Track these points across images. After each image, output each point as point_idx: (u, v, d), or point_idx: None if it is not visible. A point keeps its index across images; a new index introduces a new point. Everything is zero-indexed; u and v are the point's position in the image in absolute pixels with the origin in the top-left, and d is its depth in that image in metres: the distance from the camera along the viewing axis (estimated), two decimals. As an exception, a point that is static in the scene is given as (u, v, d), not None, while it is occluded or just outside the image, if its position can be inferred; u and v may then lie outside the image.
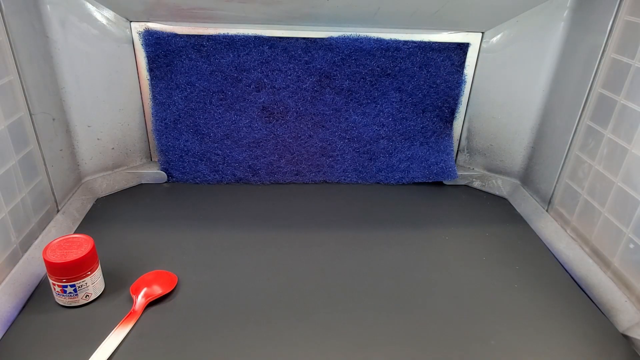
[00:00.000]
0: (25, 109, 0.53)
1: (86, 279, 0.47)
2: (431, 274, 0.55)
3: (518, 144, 0.71)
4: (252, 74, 0.67)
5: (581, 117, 0.59)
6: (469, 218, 0.67)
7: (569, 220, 0.61)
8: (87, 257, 0.46)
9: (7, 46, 0.49)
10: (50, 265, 0.45)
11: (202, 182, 0.72)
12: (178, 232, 0.60)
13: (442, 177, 0.74)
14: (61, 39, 0.58)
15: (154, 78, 0.67)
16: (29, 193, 0.53)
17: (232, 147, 0.71)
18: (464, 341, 0.45)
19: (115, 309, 0.47)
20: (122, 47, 0.64)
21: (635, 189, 0.49)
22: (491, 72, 0.70)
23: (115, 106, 0.67)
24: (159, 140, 0.70)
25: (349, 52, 0.67)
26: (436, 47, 0.68)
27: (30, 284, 0.49)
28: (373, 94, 0.70)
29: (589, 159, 0.57)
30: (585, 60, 0.58)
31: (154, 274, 0.51)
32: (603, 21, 0.54)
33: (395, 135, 0.72)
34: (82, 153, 0.66)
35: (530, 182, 0.70)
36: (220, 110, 0.69)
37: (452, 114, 0.72)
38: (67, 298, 0.47)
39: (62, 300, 0.47)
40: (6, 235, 0.48)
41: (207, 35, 0.65)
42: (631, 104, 0.50)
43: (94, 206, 0.66)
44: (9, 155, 0.49)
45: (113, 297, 0.49)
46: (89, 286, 0.47)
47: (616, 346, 0.46)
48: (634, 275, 0.49)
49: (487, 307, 0.50)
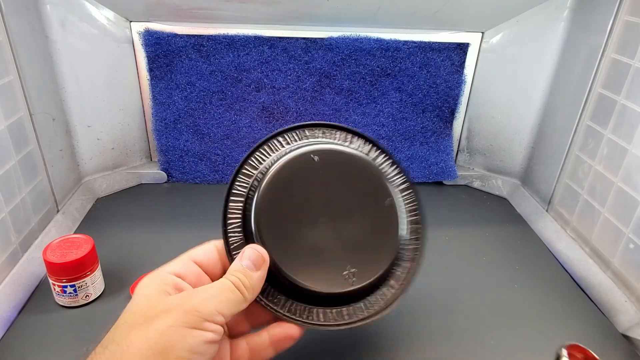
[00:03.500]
0: (25, 109, 0.53)
1: (86, 279, 0.47)
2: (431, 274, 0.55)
3: (518, 144, 0.71)
4: (252, 74, 0.67)
5: (581, 117, 0.59)
6: (469, 218, 0.67)
7: (569, 220, 0.61)
8: (87, 257, 0.46)
9: (7, 46, 0.49)
10: (50, 266, 0.45)
11: (202, 182, 0.72)
12: (178, 232, 0.60)
13: (442, 177, 0.74)
14: (61, 39, 0.58)
15: (154, 78, 0.67)
16: (29, 193, 0.53)
17: (232, 147, 0.71)
18: (464, 341, 0.45)
19: (115, 309, 0.47)
20: (122, 47, 0.64)
21: (635, 189, 0.49)
22: (491, 72, 0.70)
23: (115, 106, 0.67)
24: (159, 140, 0.70)
25: (349, 52, 0.67)
26: (436, 47, 0.68)
27: (30, 284, 0.49)
28: (373, 94, 0.70)
29: (589, 159, 0.57)
30: (585, 60, 0.58)
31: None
32: (603, 21, 0.54)
33: (395, 135, 0.72)
34: (82, 153, 0.66)
35: (530, 182, 0.70)
36: (220, 110, 0.69)
37: (452, 114, 0.72)
38: (67, 298, 0.47)
39: (62, 300, 0.47)
40: (6, 235, 0.48)
41: (207, 35, 0.65)
42: (631, 104, 0.50)
43: (94, 206, 0.66)
44: (9, 155, 0.49)
45: (113, 297, 0.49)
46: (89, 286, 0.47)
47: (616, 346, 0.46)
48: (634, 275, 0.49)
49: (487, 307, 0.50)
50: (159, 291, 0.31)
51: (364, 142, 0.41)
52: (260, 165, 0.39)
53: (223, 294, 0.31)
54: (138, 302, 0.31)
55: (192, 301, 0.30)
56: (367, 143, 0.41)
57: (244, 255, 0.34)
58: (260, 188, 0.37)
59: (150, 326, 0.28)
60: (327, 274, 0.36)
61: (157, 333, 0.28)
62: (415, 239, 0.40)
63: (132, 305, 0.31)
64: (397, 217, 0.38)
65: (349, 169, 0.38)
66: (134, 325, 0.29)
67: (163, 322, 0.28)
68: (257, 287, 0.33)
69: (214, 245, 0.37)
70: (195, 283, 0.34)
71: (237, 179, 0.38)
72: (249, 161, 0.39)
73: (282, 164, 0.37)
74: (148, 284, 0.32)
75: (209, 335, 0.29)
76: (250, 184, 0.38)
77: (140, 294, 0.31)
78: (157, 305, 0.30)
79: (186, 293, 0.31)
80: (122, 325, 0.29)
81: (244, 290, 0.32)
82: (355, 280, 0.36)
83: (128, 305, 0.31)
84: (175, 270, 0.33)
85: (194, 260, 0.35)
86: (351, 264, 0.36)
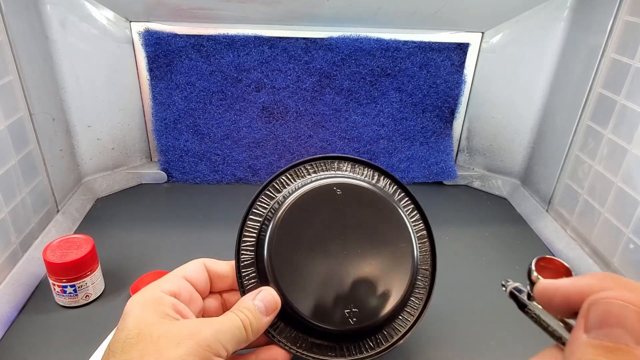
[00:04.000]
0: (25, 109, 0.53)
1: (86, 279, 0.47)
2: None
3: (518, 144, 0.71)
4: (252, 74, 0.67)
5: (581, 117, 0.59)
6: (469, 218, 0.67)
7: (569, 220, 0.61)
8: (87, 257, 0.46)
9: (7, 46, 0.49)
10: (50, 266, 0.45)
11: (202, 182, 0.72)
12: (178, 232, 0.60)
13: (442, 177, 0.74)
14: (61, 39, 0.58)
15: (154, 78, 0.67)
16: (29, 193, 0.53)
17: (232, 147, 0.71)
18: (464, 341, 0.45)
19: (115, 309, 0.47)
20: (122, 47, 0.64)
21: (635, 189, 0.49)
22: (491, 72, 0.70)
23: (115, 106, 0.67)
24: (159, 140, 0.70)
25: (349, 52, 0.67)
26: (436, 47, 0.68)
27: (30, 284, 0.49)
28: (373, 94, 0.70)
29: (589, 159, 0.57)
30: (585, 60, 0.58)
31: (153, 274, 0.51)
32: (603, 21, 0.54)
33: (395, 135, 0.72)
34: (82, 153, 0.66)
35: (530, 182, 0.70)
36: (220, 110, 0.69)
37: (452, 114, 0.72)
38: (67, 298, 0.47)
39: (62, 300, 0.47)
40: (6, 235, 0.48)
41: (207, 35, 0.65)
42: (631, 104, 0.50)
43: (94, 206, 0.66)
44: (9, 155, 0.49)
45: (113, 297, 0.49)
46: (89, 286, 0.47)
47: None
48: (633, 275, 0.49)
49: (487, 307, 0.50)
50: (161, 314, 0.31)
51: (389, 183, 0.41)
52: (284, 189, 0.39)
53: (231, 330, 0.31)
54: (139, 324, 0.30)
55: (204, 334, 0.30)
56: (392, 184, 0.41)
57: (258, 295, 0.34)
58: (279, 211, 0.37)
59: (161, 356, 0.28)
60: (329, 309, 0.36)
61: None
62: (421, 291, 0.40)
63: (131, 326, 0.30)
64: (409, 266, 0.38)
65: (370, 208, 0.38)
66: (144, 353, 0.28)
67: (174, 353, 0.28)
68: (262, 331, 0.34)
69: (203, 263, 0.37)
70: (188, 301, 0.34)
71: (259, 199, 0.39)
72: (274, 183, 0.39)
73: (304, 191, 0.37)
74: (145, 305, 0.31)
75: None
76: (270, 205, 0.38)
77: (139, 316, 0.31)
78: (165, 333, 0.29)
79: (195, 324, 0.31)
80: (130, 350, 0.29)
81: (250, 331, 0.32)
82: (355, 320, 0.36)
83: (124, 324, 0.30)
84: (170, 289, 0.33)
85: (185, 277, 0.35)
86: (354, 304, 0.36)
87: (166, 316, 0.31)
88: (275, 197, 0.39)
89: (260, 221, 0.38)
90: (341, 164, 0.41)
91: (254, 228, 0.38)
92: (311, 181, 0.39)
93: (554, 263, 0.26)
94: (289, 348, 0.36)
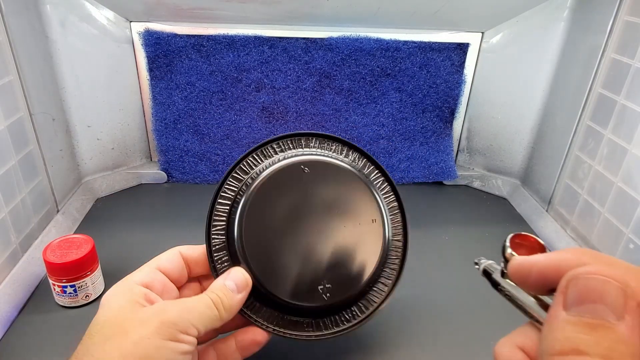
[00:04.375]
0: (25, 109, 0.53)
1: (86, 279, 0.47)
2: (431, 274, 0.55)
3: (518, 144, 0.71)
4: (252, 74, 0.67)
5: (581, 117, 0.59)
6: (469, 218, 0.67)
7: (569, 220, 0.61)
8: (87, 257, 0.46)
9: (7, 46, 0.49)
10: (50, 266, 0.45)
11: (202, 182, 0.72)
12: (178, 232, 0.60)
13: (442, 177, 0.74)
14: (61, 39, 0.58)
15: (154, 78, 0.67)
16: (29, 193, 0.53)
17: (232, 147, 0.71)
18: (464, 341, 0.45)
19: (115, 309, 0.47)
20: (122, 47, 0.64)
21: (635, 189, 0.49)
22: (491, 72, 0.70)
23: (115, 106, 0.67)
24: (159, 140, 0.70)
25: (349, 52, 0.67)
26: (436, 47, 0.68)
27: (30, 284, 0.49)
28: (373, 94, 0.70)
29: (589, 159, 0.57)
30: (585, 60, 0.58)
31: (154, 274, 0.51)
32: (603, 21, 0.54)
33: (395, 135, 0.72)
34: (82, 153, 0.66)
35: (530, 182, 0.70)
36: (220, 110, 0.69)
37: (452, 114, 0.72)
38: (67, 298, 0.47)
39: (62, 301, 0.47)
40: (6, 235, 0.48)
41: (207, 35, 0.65)
42: (631, 104, 0.50)
43: (94, 206, 0.66)
44: (9, 155, 0.49)
45: (113, 297, 0.49)
46: (89, 286, 0.47)
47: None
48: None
49: (487, 307, 0.50)
50: (130, 302, 0.31)
51: (358, 156, 0.41)
52: (252, 171, 0.39)
53: (200, 308, 0.31)
54: (110, 312, 0.31)
55: (168, 313, 0.30)
56: (362, 157, 0.41)
57: (229, 275, 0.35)
58: (247, 193, 0.37)
59: (126, 337, 0.28)
60: (302, 287, 0.36)
61: (132, 344, 0.28)
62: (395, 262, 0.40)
63: (103, 315, 0.31)
64: (380, 239, 0.38)
65: (338, 183, 0.38)
66: (109, 337, 0.29)
67: (139, 333, 0.28)
68: (235, 309, 0.34)
69: (179, 252, 0.37)
70: (161, 292, 0.34)
71: (227, 182, 0.39)
72: (241, 165, 0.39)
73: (271, 171, 0.37)
74: (116, 294, 0.32)
75: (184, 346, 0.29)
76: (239, 187, 0.38)
77: (110, 305, 0.31)
78: (132, 317, 0.30)
79: (161, 305, 0.31)
80: (96, 335, 0.29)
81: (222, 309, 0.32)
82: (328, 296, 0.36)
83: (98, 315, 0.31)
84: (142, 280, 0.33)
85: (159, 268, 0.35)
86: (327, 280, 0.36)
87: (136, 304, 0.31)
88: (243, 179, 0.39)
89: (230, 204, 0.38)
90: (309, 141, 0.41)
91: (223, 211, 0.38)
92: (279, 160, 0.38)
93: (528, 240, 0.25)
94: (266, 327, 0.36)
